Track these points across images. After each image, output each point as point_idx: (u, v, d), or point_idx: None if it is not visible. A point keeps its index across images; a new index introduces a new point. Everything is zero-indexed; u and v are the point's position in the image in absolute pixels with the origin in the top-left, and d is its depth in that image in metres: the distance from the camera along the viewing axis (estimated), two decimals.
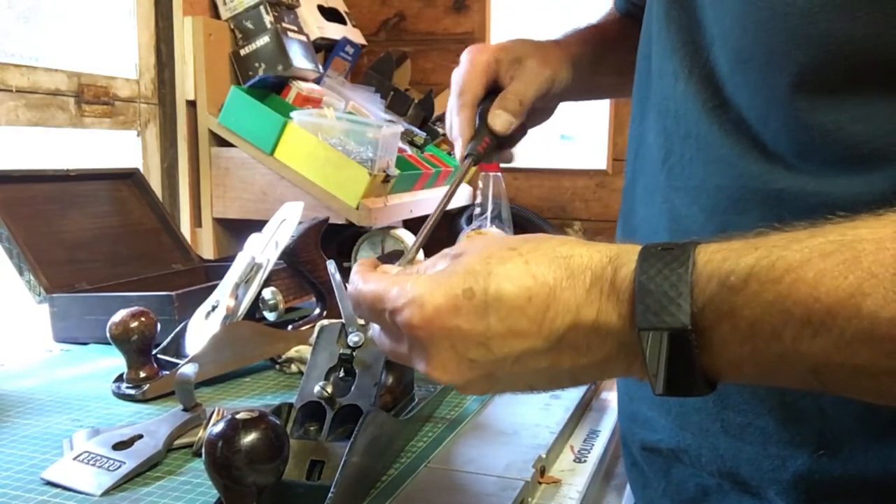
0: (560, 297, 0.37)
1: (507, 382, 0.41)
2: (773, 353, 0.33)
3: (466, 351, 0.39)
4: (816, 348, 0.32)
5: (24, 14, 1.22)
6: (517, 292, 0.38)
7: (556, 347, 0.38)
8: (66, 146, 1.27)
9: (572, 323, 0.37)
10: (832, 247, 0.33)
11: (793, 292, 0.32)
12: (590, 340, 0.37)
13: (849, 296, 0.31)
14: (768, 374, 0.35)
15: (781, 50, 0.42)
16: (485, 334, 0.38)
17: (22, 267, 1.02)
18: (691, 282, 0.34)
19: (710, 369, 0.35)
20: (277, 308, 0.99)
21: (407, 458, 0.66)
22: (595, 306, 0.37)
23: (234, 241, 1.45)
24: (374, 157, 1.29)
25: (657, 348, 0.35)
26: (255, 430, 0.48)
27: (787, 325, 0.33)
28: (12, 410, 0.76)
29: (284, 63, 1.41)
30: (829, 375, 0.33)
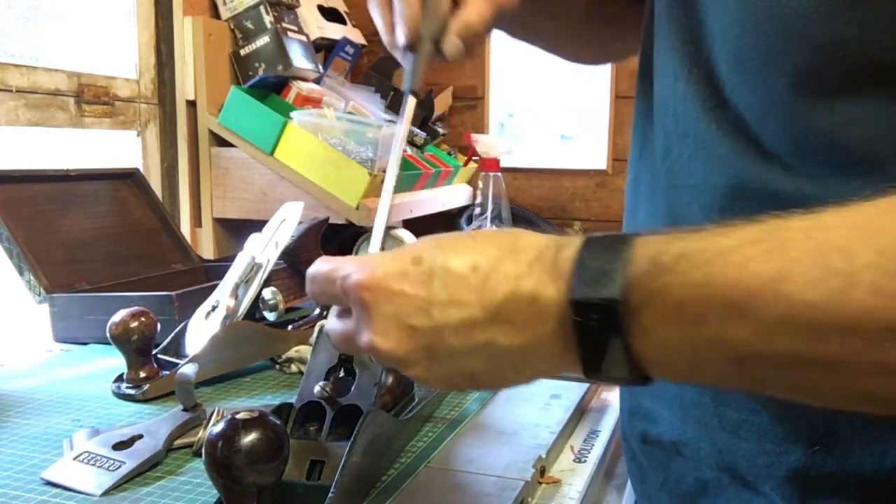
0: (501, 268, 0.39)
1: (446, 361, 0.41)
2: (699, 339, 0.34)
3: (408, 317, 0.40)
4: (740, 334, 0.33)
5: (24, 14, 1.22)
6: (462, 262, 0.40)
7: (494, 319, 0.38)
8: (66, 146, 1.27)
9: (510, 292, 0.38)
10: (762, 235, 0.33)
11: (719, 275, 0.33)
12: (527, 315, 0.38)
13: (771, 280, 0.32)
14: (696, 366, 0.35)
15: (778, 51, 0.42)
16: (427, 300, 0.39)
17: (22, 267, 1.02)
18: (626, 259, 0.35)
19: (641, 355, 0.36)
20: (277, 308, 0.99)
21: (407, 458, 0.66)
22: (534, 278, 0.38)
23: (234, 241, 1.45)
24: (374, 157, 1.29)
25: (589, 323, 0.36)
26: (255, 430, 0.48)
27: (713, 308, 0.33)
28: (12, 410, 0.76)
29: (284, 63, 1.41)
30: (753, 367, 0.33)
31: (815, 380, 0.33)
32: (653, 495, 0.57)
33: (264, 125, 1.32)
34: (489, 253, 0.40)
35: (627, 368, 0.36)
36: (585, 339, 0.36)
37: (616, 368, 0.36)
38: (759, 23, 0.43)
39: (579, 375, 0.39)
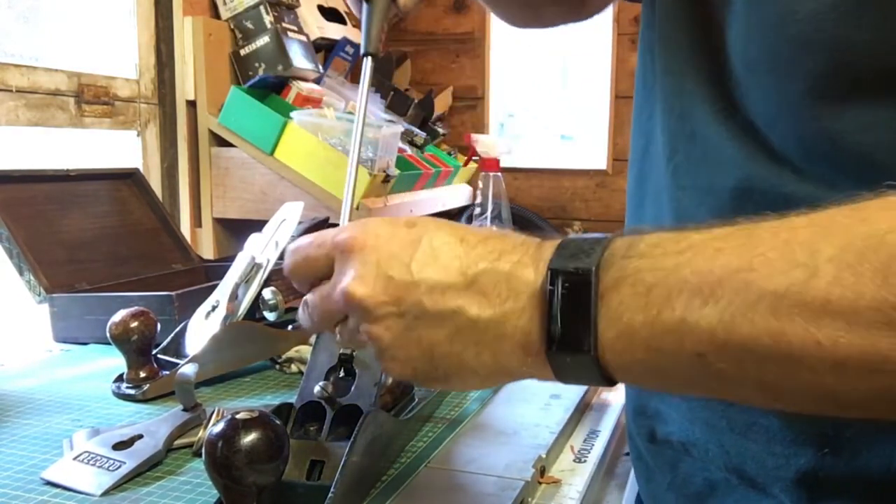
0: (488, 243, 0.41)
1: (412, 323, 0.41)
2: (662, 326, 0.34)
3: (388, 268, 0.41)
4: (703, 321, 0.33)
5: (24, 14, 1.22)
6: (453, 233, 0.42)
7: (468, 287, 0.40)
8: (66, 146, 1.27)
9: (490, 266, 0.40)
10: (734, 232, 0.35)
11: (692, 262, 0.34)
12: (501, 289, 0.39)
13: (738, 269, 0.33)
14: (657, 356, 0.35)
15: (788, 56, 0.42)
16: (411, 256, 0.41)
17: (22, 267, 1.02)
18: (604, 243, 0.37)
19: (604, 339, 0.36)
20: (277, 308, 0.99)
21: (407, 458, 0.66)
22: (516, 257, 0.39)
23: (234, 241, 1.45)
24: (374, 157, 1.29)
25: (561, 290, 0.36)
26: (255, 430, 0.48)
27: (682, 293, 0.34)
28: (12, 410, 0.76)
29: (284, 63, 1.41)
30: (714, 359, 0.33)
31: (775, 376, 0.33)
32: (659, 495, 0.57)
33: (264, 125, 1.32)
34: (479, 232, 0.42)
35: (591, 348, 0.36)
36: (553, 308, 0.37)
37: (576, 350, 0.36)
38: (769, 27, 0.43)
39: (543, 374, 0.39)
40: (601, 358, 0.36)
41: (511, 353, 0.39)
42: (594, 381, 0.38)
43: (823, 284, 0.31)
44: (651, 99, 0.56)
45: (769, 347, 0.32)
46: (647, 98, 0.57)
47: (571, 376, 0.39)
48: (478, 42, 1.88)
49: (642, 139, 0.58)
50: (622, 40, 1.81)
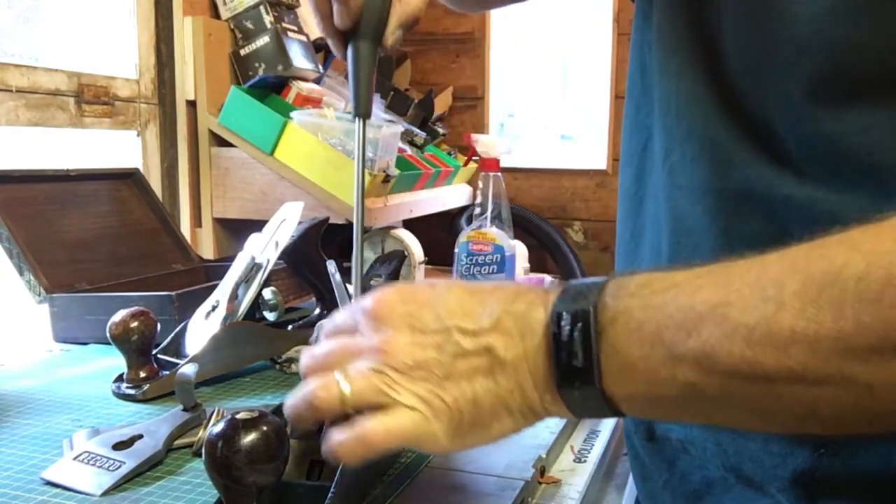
0: (503, 290, 0.44)
1: (454, 364, 0.42)
2: (657, 359, 0.37)
3: (418, 320, 0.43)
4: (690, 352, 0.36)
5: (24, 14, 1.22)
6: (472, 286, 0.45)
7: (494, 328, 0.42)
8: (66, 146, 1.27)
9: (507, 308, 0.42)
10: (712, 270, 0.38)
11: (676, 300, 0.37)
12: (520, 327, 0.42)
13: (717, 305, 0.36)
14: (655, 387, 0.38)
15: (788, 58, 0.42)
16: (438, 308, 0.43)
17: (22, 267, 1.02)
18: (600, 286, 0.40)
19: (607, 373, 0.39)
20: (277, 308, 0.99)
21: (407, 458, 0.66)
22: (528, 300, 0.42)
23: (234, 241, 1.45)
24: (374, 157, 1.29)
25: (564, 330, 0.40)
26: (255, 430, 0.48)
27: (669, 328, 0.37)
28: (12, 410, 0.76)
29: (284, 63, 1.41)
30: (705, 386, 0.36)
31: (759, 397, 0.36)
32: (656, 493, 0.57)
33: (264, 125, 1.32)
34: (493, 283, 0.45)
35: (597, 380, 0.39)
36: (559, 347, 0.40)
37: (584, 383, 0.39)
38: (768, 29, 0.42)
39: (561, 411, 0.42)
40: (607, 389, 0.39)
41: (532, 391, 0.42)
42: (604, 413, 0.41)
43: (789, 317, 0.34)
44: (649, 96, 0.55)
45: (748, 374, 0.35)
46: (645, 95, 0.56)
47: (583, 409, 0.41)
48: (478, 42, 1.88)
49: (642, 135, 0.58)
50: (622, 40, 1.81)
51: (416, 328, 0.43)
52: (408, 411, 0.42)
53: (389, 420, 0.42)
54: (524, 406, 0.42)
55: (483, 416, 0.42)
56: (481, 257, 1.24)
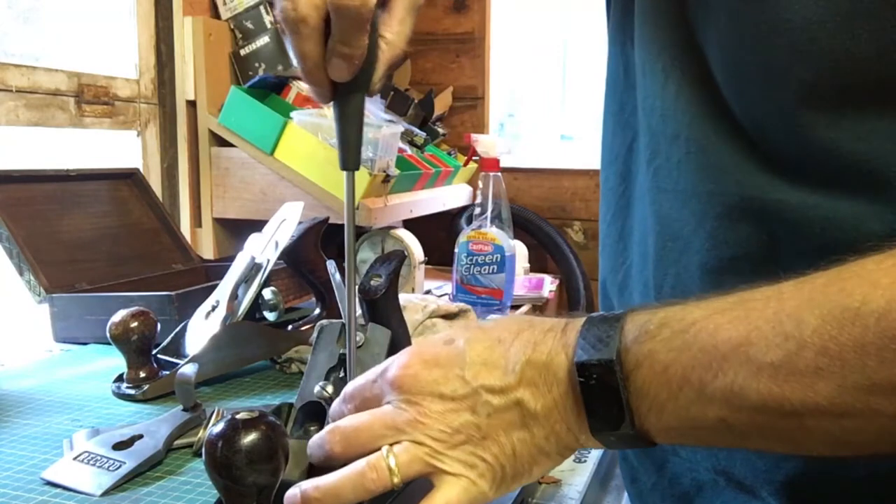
0: (521, 337, 0.44)
1: (490, 425, 0.43)
2: (686, 399, 0.38)
3: (446, 386, 0.44)
4: (718, 392, 0.37)
5: (24, 14, 1.22)
6: (489, 336, 0.45)
7: (520, 382, 0.43)
8: (66, 146, 1.27)
9: (529, 358, 0.43)
10: (729, 305, 0.38)
11: (697, 340, 0.38)
12: (544, 378, 0.43)
13: (739, 344, 0.37)
14: (688, 423, 0.39)
15: (781, 64, 0.41)
16: (462, 367, 0.44)
17: (22, 267, 1.02)
18: (619, 328, 0.41)
19: (639, 414, 0.40)
20: (277, 308, 0.99)
21: None
22: (548, 346, 0.43)
23: (234, 241, 1.45)
24: (374, 157, 1.29)
25: (591, 381, 0.40)
26: (255, 430, 0.48)
27: (694, 368, 0.38)
28: (12, 410, 0.76)
29: (284, 63, 1.41)
30: (734, 422, 0.38)
31: (789, 429, 0.37)
32: (644, 495, 0.57)
33: (264, 125, 1.32)
34: (510, 328, 0.45)
35: (629, 424, 0.40)
36: (588, 396, 0.41)
37: (614, 418, 0.40)
38: (760, 35, 0.42)
39: (597, 445, 0.43)
40: (640, 428, 0.40)
41: (567, 434, 0.43)
42: (640, 446, 0.42)
43: (812, 355, 0.35)
44: (633, 95, 0.54)
45: (777, 409, 0.36)
46: (629, 93, 0.55)
47: (618, 445, 0.43)
48: (478, 42, 1.88)
49: (626, 134, 0.56)
50: None
51: (446, 395, 0.44)
52: (455, 479, 0.44)
53: (441, 495, 0.44)
54: (561, 447, 0.44)
55: (524, 464, 0.44)
56: (481, 257, 1.24)
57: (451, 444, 0.43)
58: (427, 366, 0.45)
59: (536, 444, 0.43)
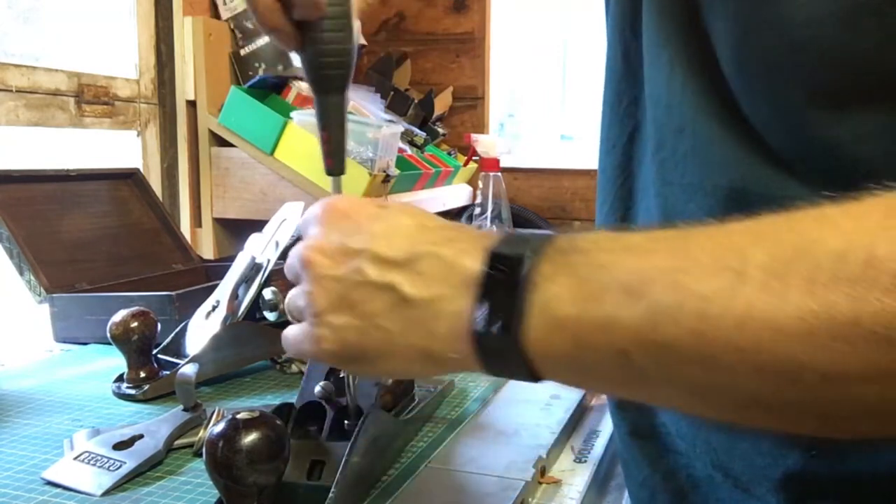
0: (442, 231, 0.42)
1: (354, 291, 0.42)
2: (591, 321, 0.34)
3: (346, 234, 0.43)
4: (631, 317, 0.33)
5: (24, 14, 1.22)
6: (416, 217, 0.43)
7: (408, 266, 0.41)
8: (66, 146, 1.27)
9: (433, 250, 0.40)
10: (670, 234, 0.35)
11: (625, 261, 0.35)
12: (438, 272, 0.40)
13: (669, 270, 0.33)
14: (582, 351, 0.35)
15: (785, 61, 0.41)
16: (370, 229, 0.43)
17: (22, 267, 1.02)
18: (546, 237, 0.38)
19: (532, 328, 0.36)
20: (277, 308, 0.98)
21: (407, 458, 0.66)
22: (462, 245, 0.40)
23: (234, 241, 1.45)
24: (374, 157, 1.29)
25: (495, 271, 0.37)
26: (256, 430, 0.48)
27: (611, 289, 0.34)
28: (12, 410, 0.76)
29: (284, 63, 1.41)
30: (638, 357, 0.33)
31: (696, 378, 0.33)
32: (633, 490, 0.56)
33: (264, 125, 1.32)
34: (442, 222, 0.43)
35: (516, 330, 0.36)
36: (485, 287, 0.37)
37: (502, 331, 0.36)
38: (764, 32, 0.41)
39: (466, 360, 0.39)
40: (528, 347, 0.36)
41: (440, 337, 0.40)
42: (519, 373, 0.38)
43: (750, 290, 0.31)
44: (634, 85, 0.54)
45: (691, 349, 0.32)
46: (628, 82, 0.55)
47: (497, 365, 0.39)
48: (478, 42, 1.88)
49: (626, 125, 0.56)
50: None
51: (338, 240, 0.43)
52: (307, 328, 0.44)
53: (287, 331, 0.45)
54: (422, 353, 0.41)
55: (368, 351, 0.42)
56: None
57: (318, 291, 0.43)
58: (349, 211, 0.44)
59: (391, 340, 0.41)
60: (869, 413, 0.30)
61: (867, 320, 0.28)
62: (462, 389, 0.84)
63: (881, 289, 0.28)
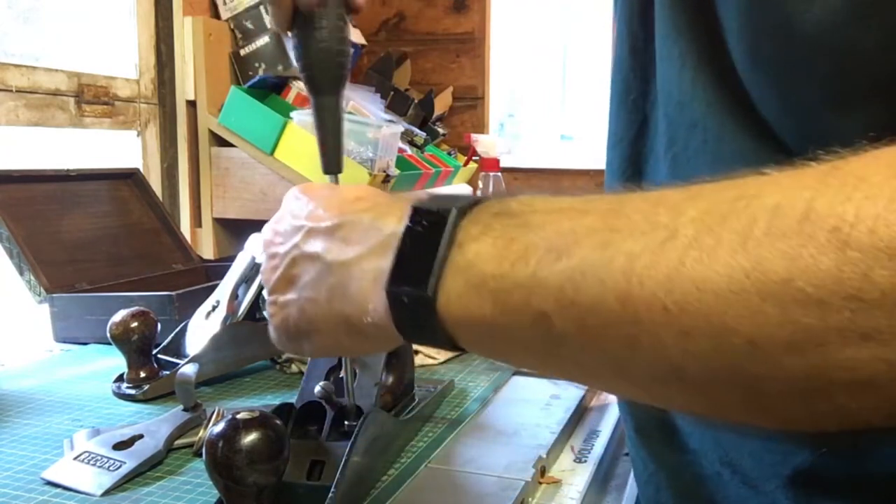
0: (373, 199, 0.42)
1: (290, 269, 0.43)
2: (514, 279, 0.33)
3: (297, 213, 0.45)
4: (554, 276, 0.31)
5: (24, 14, 1.22)
6: (361, 191, 0.44)
7: (332, 233, 0.41)
8: (66, 146, 1.27)
9: (355, 217, 0.41)
10: (606, 197, 0.34)
11: (556, 222, 0.33)
12: (358, 235, 0.40)
13: (599, 229, 0.31)
14: (501, 314, 0.33)
15: (795, 59, 0.40)
16: (316, 205, 0.44)
17: (22, 267, 1.02)
18: (477, 199, 0.36)
19: (450, 287, 0.35)
20: None
21: (407, 458, 0.66)
22: (384, 209, 0.40)
23: (234, 241, 1.45)
24: (374, 157, 1.29)
25: (417, 227, 0.36)
26: (256, 430, 0.48)
27: (538, 248, 0.32)
28: (12, 410, 0.76)
29: (284, 63, 1.41)
30: (559, 321, 0.32)
31: (618, 344, 0.31)
32: (640, 486, 0.56)
33: (264, 125, 1.32)
34: (380, 193, 0.43)
35: (429, 289, 0.35)
36: (406, 242, 0.36)
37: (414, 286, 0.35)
38: (775, 28, 0.41)
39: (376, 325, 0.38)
40: (444, 309, 0.35)
41: (353, 299, 0.39)
42: (435, 337, 0.36)
43: (680, 246, 0.28)
44: (642, 77, 0.53)
45: (614, 311, 0.30)
46: (636, 75, 0.54)
47: (412, 329, 0.37)
48: (478, 42, 1.88)
49: (634, 118, 0.55)
50: None
51: (288, 219, 0.45)
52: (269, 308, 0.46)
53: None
54: (342, 319, 0.40)
55: (305, 325, 0.43)
56: None
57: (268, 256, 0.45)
58: (308, 194, 0.45)
59: (319, 308, 0.42)
60: (797, 394, 0.28)
61: (799, 279, 0.26)
62: (462, 389, 0.84)
63: (816, 245, 0.26)
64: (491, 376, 0.88)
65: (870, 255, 0.25)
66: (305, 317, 0.43)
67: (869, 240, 0.25)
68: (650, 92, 0.53)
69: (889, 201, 0.25)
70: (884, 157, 0.28)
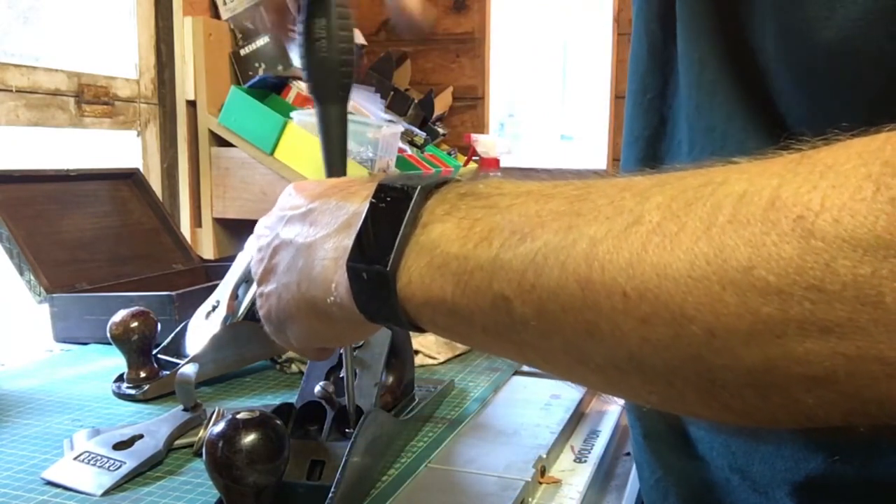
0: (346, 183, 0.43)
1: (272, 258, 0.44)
2: (476, 260, 0.33)
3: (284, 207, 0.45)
4: (517, 259, 0.31)
5: (24, 14, 1.22)
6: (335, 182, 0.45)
7: (303, 218, 0.42)
8: (66, 146, 1.27)
9: (323, 201, 0.41)
10: (574, 183, 0.33)
11: (523, 205, 0.33)
12: (325, 217, 0.40)
13: (564, 213, 0.31)
14: (463, 297, 0.33)
15: (820, 62, 0.40)
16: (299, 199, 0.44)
17: (22, 267, 1.02)
18: (446, 179, 0.36)
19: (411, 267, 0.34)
20: None
21: (407, 458, 0.66)
22: (353, 190, 0.41)
23: (234, 241, 1.45)
24: (374, 157, 1.29)
25: (381, 204, 0.36)
26: (256, 430, 0.48)
27: (502, 231, 0.32)
28: (12, 410, 0.76)
29: (284, 63, 1.41)
30: (519, 304, 0.31)
31: (577, 331, 0.30)
32: (646, 491, 0.56)
33: (264, 125, 1.32)
34: (358, 179, 0.44)
35: (389, 264, 0.34)
36: (366, 222, 0.36)
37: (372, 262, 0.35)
38: (799, 31, 0.40)
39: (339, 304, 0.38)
40: (405, 288, 0.35)
41: (318, 279, 0.39)
42: (395, 317, 0.36)
43: (644, 231, 0.28)
44: (659, 77, 0.53)
45: (574, 296, 0.29)
46: (654, 75, 0.54)
47: (373, 308, 0.36)
48: (478, 42, 1.88)
49: (649, 118, 0.55)
50: (622, 40, 1.81)
51: (276, 213, 0.45)
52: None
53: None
54: (307, 301, 0.40)
55: (283, 310, 0.43)
56: None
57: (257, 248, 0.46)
58: (301, 189, 0.46)
59: (291, 293, 0.42)
60: (754, 387, 0.27)
61: (760, 267, 0.25)
62: (462, 389, 0.84)
63: (779, 233, 0.25)
64: (491, 376, 0.88)
65: (833, 245, 0.24)
66: (282, 304, 0.43)
67: (833, 229, 0.24)
68: (668, 92, 0.52)
69: (855, 191, 0.25)
70: (854, 147, 0.27)
